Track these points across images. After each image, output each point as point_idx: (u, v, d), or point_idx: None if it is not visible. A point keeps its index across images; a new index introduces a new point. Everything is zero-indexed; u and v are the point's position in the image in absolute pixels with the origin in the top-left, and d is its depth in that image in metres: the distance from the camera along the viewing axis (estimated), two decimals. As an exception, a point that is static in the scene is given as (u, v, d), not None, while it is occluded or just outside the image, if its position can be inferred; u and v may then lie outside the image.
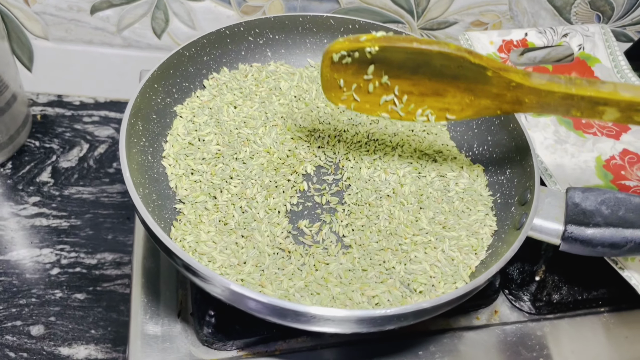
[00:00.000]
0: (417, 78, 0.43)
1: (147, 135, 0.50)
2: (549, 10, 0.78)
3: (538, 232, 0.45)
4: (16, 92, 0.73)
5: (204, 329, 0.45)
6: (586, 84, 0.41)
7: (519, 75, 0.42)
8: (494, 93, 0.43)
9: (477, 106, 0.45)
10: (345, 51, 0.43)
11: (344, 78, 0.44)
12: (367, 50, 0.42)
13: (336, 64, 0.43)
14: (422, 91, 0.44)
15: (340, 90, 0.45)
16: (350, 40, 0.42)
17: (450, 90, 0.44)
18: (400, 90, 0.44)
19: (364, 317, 0.38)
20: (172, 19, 0.77)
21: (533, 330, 0.51)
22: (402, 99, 0.45)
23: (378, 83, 0.44)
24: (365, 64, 0.43)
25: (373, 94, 0.45)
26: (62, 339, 0.61)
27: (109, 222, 0.72)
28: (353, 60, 0.43)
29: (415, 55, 0.42)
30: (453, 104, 0.45)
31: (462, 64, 0.42)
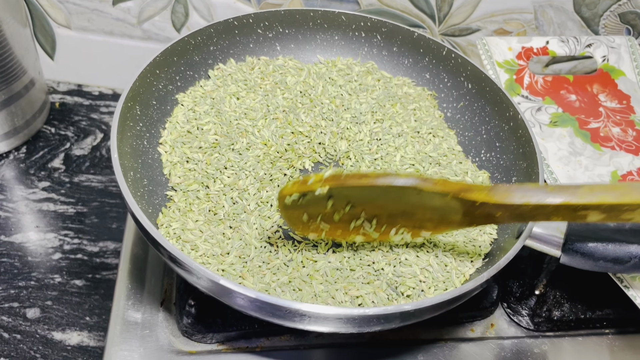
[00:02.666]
0: (380, 203, 0.41)
1: (144, 120, 0.50)
2: (576, 21, 0.76)
3: (538, 242, 0.43)
4: (34, 78, 0.74)
5: (184, 319, 0.44)
6: (559, 190, 0.38)
7: (482, 194, 0.39)
8: (462, 211, 0.41)
9: (448, 224, 0.42)
10: (297, 195, 0.41)
11: (307, 212, 0.42)
12: (317, 192, 0.40)
13: (291, 205, 0.41)
14: (390, 212, 0.42)
15: (306, 224, 0.43)
16: (298, 183, 0.41)
17: (418, 211, 0.41)
18: (367, 214, 0.42)
19: (341, 315, 0.37)
20: (192, 13, 0.77)
21: (530, 347, 0.48)
22: (371, 222, 0.43)
23: (343, 211, 0.42)
24: (322, 199, 0.41)
25: (341, 221, 0.43)
26: (57, 324, 0.61)
27: (114, 212, 0.72)
28: (308, 200, 0.41)
29: (369, 189, 0.40)
30: (425, 222, 0.42)
31: (418, 193, 0.40)
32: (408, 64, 0.61)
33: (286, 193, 0.41)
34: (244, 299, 0.37)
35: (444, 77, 0.59)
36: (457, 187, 0.40)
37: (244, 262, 0.43)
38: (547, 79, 0.64)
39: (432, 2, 0.74)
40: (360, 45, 0.62)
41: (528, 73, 0.63)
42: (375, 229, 0.43)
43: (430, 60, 0.59)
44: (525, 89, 0.63)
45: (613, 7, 0.73)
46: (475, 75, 0.56)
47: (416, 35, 0.58)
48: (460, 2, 0.73)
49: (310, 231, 0.44)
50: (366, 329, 0.39)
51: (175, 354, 0.44)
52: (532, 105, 0.61)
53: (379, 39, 0.61)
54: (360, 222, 0.43)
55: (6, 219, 0.69)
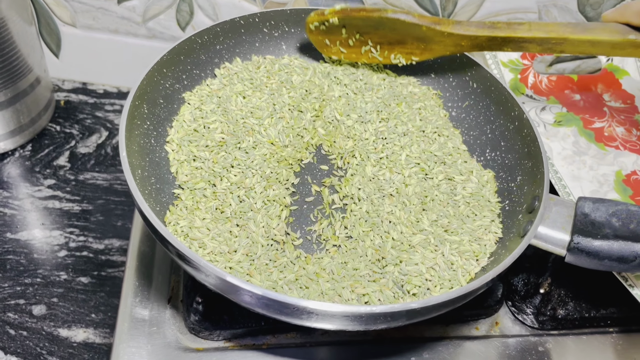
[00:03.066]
0: (381, 33, 0.55)
1: (152, 118, 0.50)
2: (580, 21, 0.76)
3: (543, 241, 0.43)
4: (40, 76, 0.75)
5: (191, 316, 0.45)
6: (506, 27, 0.51)
7: (449, 26, 0.53)
8: (436, 40, 0.54)
9: (430, 50, 0.55)
10: (317, 22, 0.56)
11: (327, 38, 0.57)
12: (331, 21, 0.55)
13: (315, 30, 0.56)
14: (389, 41, 0.56)
15: (328, 47, 0.58)
16: (318, 14, 0.56)
17: (407, 39, 0.55)
18: (373, 42, 0.57)
19: (349, 313, 0.37)
20: (197, 12, 0.77)
21: (535, 345, 0.48)
22: (376, 47, 0.57)
23: (354, 39, 0.57)
24: (338, 27, 0.56)
25: (354, 47, 0.57)
26: (63, 321, 0.61)
27: (119, 209, 0.72)
28: (327, 27, 0.56)
29: (369, 20, 0.54)
30: (414, 49, 0.56)
31: (402, 24, 0.54)
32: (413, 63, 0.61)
33: (309, 21, 0.56)
34: (251, 296, 0.37)
35: (449, 77, 0.59)
36: (429, 19, 0.53)
37: (251, 259, 0.43)
38: (551, 78, 0.64)
39: (436, 1, 0.74)
40: (365, 44, 0.62)
41: (532, 72, 0.63)
42: (379, 53, 0.57)
43: (436, 59, 0.59)
44: (529, 88, 0.63)
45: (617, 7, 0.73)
46: (480, 75, 0.57)
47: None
48: (465, 1, 0.73)
49: (332, 53, 0.58)
50: (372, 326, 0.39)
51: (183, 350, 0.45)
52: (537, 104, 0.62)
53: (384, 38, 0.61)
54: (369, 48, 0.57)
55: (12, 216, 0.69)
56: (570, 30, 0.49)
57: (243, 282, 0.37)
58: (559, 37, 0.49)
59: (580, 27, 0.49)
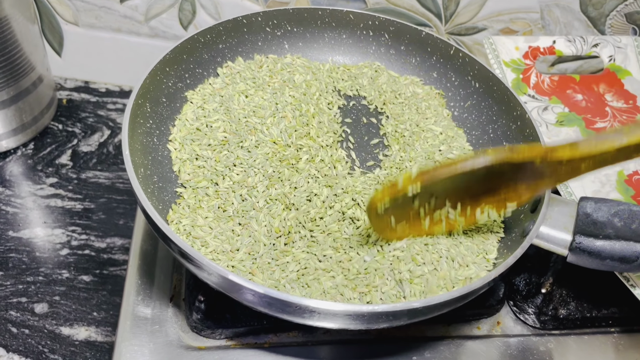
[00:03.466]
0: (465, 187, 0.41)
1: (154, 117, 0.50)
2: (582, 21, 0.76)
3: (545, 241, 0.43)
4: (42, 75, 0.75)
5: (193, 314, 0.45)
6: (635, 128, 0.38)
7: (567, 151, 0.40)
8: (548, 173, 0.41)
9: (534, 189, 0.42)
10: (390, 201, 0.41)
11: (394, 215, 0.42)
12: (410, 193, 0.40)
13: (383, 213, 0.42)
14: (474, 194, 0.42)
15: (392, 229, 0.43)
16: (389, 188, 0.41)
17: (502, 185, 0.42)
18: (451, 201, 0.42)
19: (351, 312, 0.37)
20: (199, 11, 0.77)
21: (536, 345, 0.49)
22: (455, 207, 0.43)
23: (427, 207, 0.42)
24: (410, 199, 0.41)
25: (426, 215, 0.43)
26: (65, 319, 0.61)
27: (121, 208, 0.72)
28: (395, 203, 0.41)
29: (461, 178, 0.40)
30: (509, 194, 0.42)
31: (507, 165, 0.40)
32: (415, 63, 0.61)
33: (377, 200, 0.41)
34: (254, 294, 0.37)
35: (451, 76, 0.59)
36: (543, 148, 0.40)
37: (254, 258, 0.43)
38: (553, 78, 0.64)
39: (438, 1, 0.74)
40: (367, 44, 0.62)
41: (535, 72, 0.63)
42: (459, 213, 0.43)
43: (438, 59, 0.59)
44: (531, 88, 0.63)
45: (619, 7, 0.73)
46: (483, 75, 0.57)
47: (424, 34, 0.59)
48: (467, 1, 0.73)
49: (397, 234, 0.43)
50: (374, 325, 0.39)
51: (185, 349, 0.45)
52: (539, 104, 0.62)
53: (387, 38, 0.61)
54: (445, 211, 0.42)
55: (14, 214, 0.70)
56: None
57: (245, 280, 0.37)
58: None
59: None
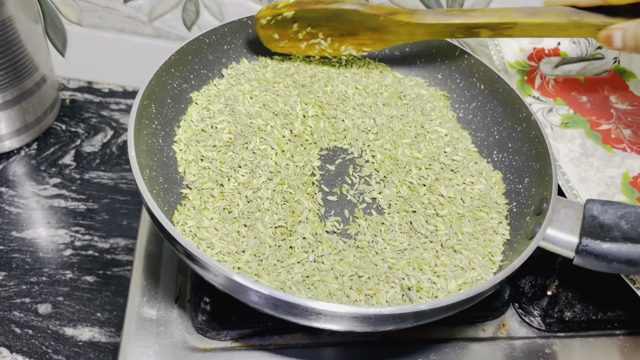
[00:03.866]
0: (333, 25, 0.55)
1: (160, 118, 0.50)
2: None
3: (551, 243, 0.43)
4: (46, 75, 0.75)
5: (199, 316, 0.45)
6: (459, 13, 0.52)
7: (405, 15, 0.53)
8: (391, 30, 0.54)
9: (384, 40, 0.56)
10: (270, 16, 0.54)
11: (277, 33, 0.56)
12: (285, 15, 0.54)
13: (266, 25, 0.55)
14: (341, 33, 0.56)
15: (277, 41, 0.57)
16: (270, 8, 0.54)
17: (360, 30, 0.55)
18: (324, 34, 0.56)
19: (357, 314, 0.37)
20: (203, 12, 0.77)
21: (542, 347, 0.48)
22: (326, 40, 0.56)
23: (305, 32, 0.56)
24: (290, 22, 0.55)
25: (303, 40, 0.56)
26: (68, 320, 0.61)
27: (125, 209, 0.72)
28: (278, 21, 0.55)
29: (324, 12, 0.54)
30: (365, 40, 0.56)
31: (360, 14, 0.53)
32: (420, 64, 0.61)
33: (261, 15, 0.55)
34: (260, 296, 0.37)
35: (456, 78, 0.59)
36: (387, 10, 0.53)
37: (259, 260, 0.43)
38: (558, 80, 0.64)
39: (442, 2, 0.74)
40: (372, 45, 0.62)
41: (539, 74, 0.63)
42: (329, 45, 0.57)
43: (443, 60, 0.59)
44: (536, 90, 0.63)
45: (624, 9, 0.73)
46: (488, 76, 0.57)
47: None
48: (471, 2, 0.73)
49: (279, 47, 0.57)
50: (380, 328, 0.39)
51: (190, 350, 0.45)
52: (543, 106, 0.62)
53: (391, 39, 0.61)
54: (318, 41, 0.56)
55: (17, 215, 0.69)
56: (520, 15, 0.51)
57: (251, 282, 0.37)
58: (510, 22, 0.51)
59: (529, 12, 0.51)
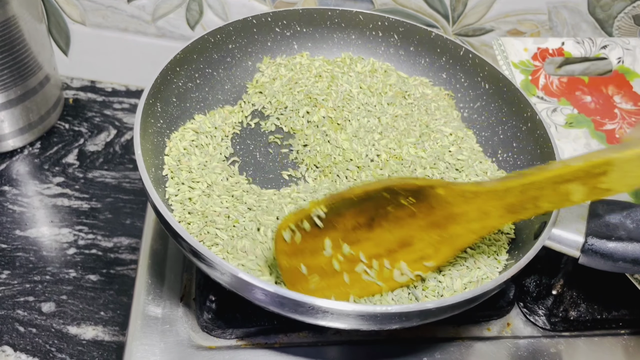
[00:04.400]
0: (377, 234, 0.41)
1: (165, 117, 0.50)
2: (590, 22, 0.76)
3: (557, 242, 0.43)
4: (50, 74, 0.75)
5: (204, 314, 0.45)
6: (536, 171, 0.39)
7: (471, 184, 0.40)
8: (455, 213, 0.41)
9: (449, 240, 0.41)
10: (294, 223, 0.39)
11: (304, 262, 0.40)
12: (316, 215, 0.39)
13: (290, 246, 0.40)
14: (388, 247, 0.41)
15: (305, 279, 0.41)
16: (294, 212, 0.39)
17: (415, 233, 0.41)
18: (367, 255, 0.41)
19: (364, 312, 0.37)
20: (207, 11, 0.77)
21: (546, 346, 0.48)
22: (371, 265, 0.41)
23: (341, 256, 0.41)
24: (320, 236, 0.40)
25: (341, 272, 0.41)
26: (72, 318, 0.61)
27: (128, 207, 0.72)
28: (305, 235, 0.40)
29: (363, 205, 0.40)
30: (424, 248, 0.42)
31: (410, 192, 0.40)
32: (425, 64, 0.61)
33: (284, 225, 0.39)
34: (266, 294, 0.37)
35: (460, 77, 0.59)
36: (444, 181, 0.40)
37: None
38: (562, 80, 0.64)
39: (446, 2, 0.74)
40: (377, 45, 0.62)
41: (543, 74, 0.63)
42: (378, 274, 0.41)
43: (447, 60, 0.59)
44: (540, 89, 0.63)
45: (627, 9, 0.73)
46: (493, 76, 0.57)
47: (433, 35, 0.59)
48: (475, 2, 0.73)
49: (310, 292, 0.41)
50: (386, 326, 0.39)
51: (195, 348, 0.45)
52: (548, 106, 0.62)
53: (396, 39, 0.61)
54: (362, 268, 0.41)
55: (21, 213, 0.69)
56: (611, 152, 0.38)
57: (257, 279, 0.37)
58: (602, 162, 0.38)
59: (619, 147, 0.38)
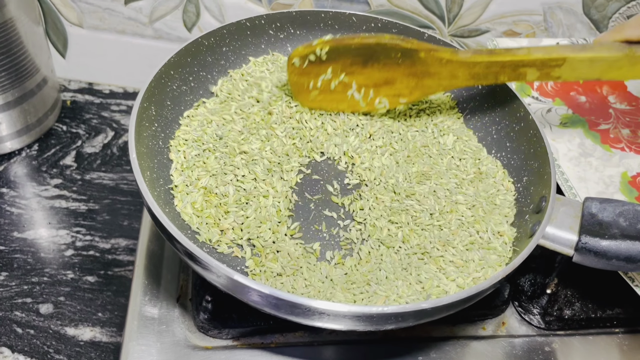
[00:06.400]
0: (368, 71, 0.51)
1: (159, 120, 0.50)
2: (585, 23, 0.76)
3: (551, 241, 0.43)
4: (47, 76, 0.75)
5: (200, 314, 0.45)
6: (504, 52, 0.49)
7: (448, 52, 0.49)
8: (431, 72, 0.50)
9: (422, 87, 0.52)
10: (303, 55, 0.50)
11: (309, 79, 0.52)
12: (319, 52, 0.50)
13: (298, 68, 0.51)
14: (375, 82, 0.52)
15: (308, 92, 0.52)
16: (304, 46, 0.50)
17: (398, 77, 0.51)
18: (358, 84, 0.52)
19: (360, 313, 0.37)
20: (203, 13, 0.78)
21: (541, 345, 0.49)
22: (360, 91, 0.52)
23: (337, 81, 0.51)
24: (323, 65, 0.51)
25: (335, 91, 0.52)
26: (70, 320, 0.61)
27: (126, 209, 0.72)
28: (311, 63, 0.51)
29: (360, 50, 0.50)
30: (402, 89, 0.52)
31: (399, 50, 0.49)
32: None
33: (294, 55, 0.50)
34: (262, 296, 0.37)
35: (455, 78, 0.59)
36: (429, 46, 0.50)
37: (260, 260, 0.43)
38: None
39: (442, 3, 0.74)
40: (371, 46, 0.62)
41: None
42: (363, 97, 0.52)
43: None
44: (535, 90, 0.64)
45: (622, 9, 0.74)
46: (486, 76, 0.57)
47: (426, 36, 0.59)
48: (470, 3, 0.74)
49: (310, 100, 0.53)
50: (382, 327, 0.39)
51: (192, 349, 0.45)
52: (542, 106, 0.62)
53: (391, 40, 0.61)
54: (352, 92, 0.52)
55: (19, 215, 0.70)
56: (569, 51, 0.47)
57: (253, 282, 0.37)
58: (558, 57, 0.47)
59: (579, 47, 0.48)
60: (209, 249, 0.44)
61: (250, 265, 0.43)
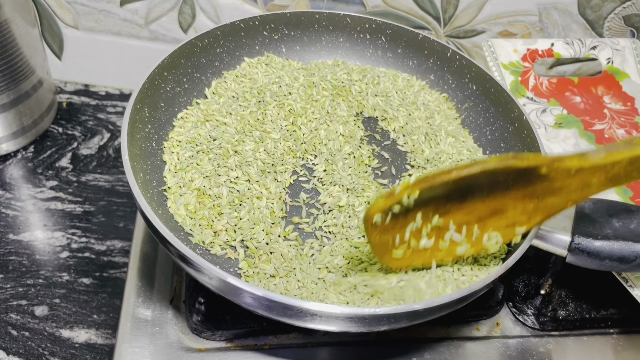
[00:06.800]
0: (469, 204, 0.39)
1: (153, 122, 0.50)
2: (580, 23, 0.76)
3: (544, 241, 0.43)
4: (42, 78, 0.75)
5: (193, 316, 0.45)
6: None
7: (575, 159, 0.38)
8: (556, 187, 0.39)
9: (544, 208, 0.40)
10: (385, 209, 0.38)
11: (393, 236, 0.40)
12: (406, 200, 0.38)
13: (380, 226, 0.39)
14: (479, 216, 0.40)
15: (394, 249, 0.40)
16: (385, 197, 0.38)
17: (509, 203, 0.39)
18: (457, 223, 0.40)
19: (352, 315, 0.37)
20: (199, 15, 0.77)
21: (536, 346, 0.49)
22: (461, 231, 0.40)
23: (430, 227, 0.40)
24: (410, 214, 0.39)
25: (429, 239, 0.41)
26: (65, 322, 0.61)
27: (121, 211, 0.72)
28: (395, 215, 0.39)
29: (458, 184, 0.38)
30: (517, 216, 0.40)
31: (510, 173, 0.38)
32: (413, 66, 0.61)
33: (374, 212, 0.38)
34: (254, 298, 0.37)
35: (448, 79, 0.59)
36: (549, 157, 0.38)
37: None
38: (552, 80, 0.64)
39: (437, 4, 0.74)
40: (365, 47, 0.62)
41: (533, 75, 0.64)
42: (466, 239, 0.40)
43: (435, 61, 0.60)
44: (530, 90, 0.64)
45: (617, 10, 0.74)
46: (480, 77, 0.57)
47: (421, 37, 0.59)
48: (466, 4, 0.74)
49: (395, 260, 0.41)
50: (375, 328, 0.39)
51: (185, 350, 0.45)
52: (537, 106, 0.62)
53: (384, 41, 0.62)
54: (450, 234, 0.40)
55: (14, 217, 0.70)
56: None
57: (245, 283, 0.37)
58: None
59: None
60: (202, 250, 0.44)
61: (244, 266, 0.43)
